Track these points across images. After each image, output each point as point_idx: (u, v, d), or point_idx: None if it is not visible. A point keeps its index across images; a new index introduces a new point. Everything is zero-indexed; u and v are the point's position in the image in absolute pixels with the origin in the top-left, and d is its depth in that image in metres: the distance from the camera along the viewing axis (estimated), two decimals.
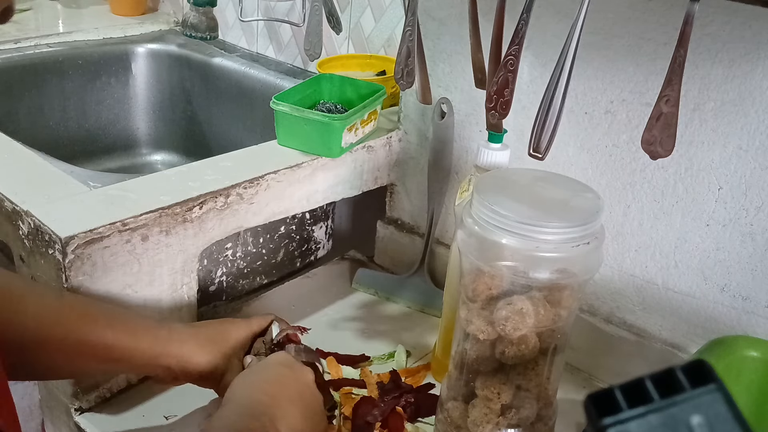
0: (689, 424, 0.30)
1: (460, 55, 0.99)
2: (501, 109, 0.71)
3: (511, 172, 0.81)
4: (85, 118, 1.52)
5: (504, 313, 0.67)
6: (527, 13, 0.69)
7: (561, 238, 0.66)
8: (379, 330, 1.03)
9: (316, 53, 1.02)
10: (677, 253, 0.87)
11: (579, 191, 0.71)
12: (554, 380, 0.74)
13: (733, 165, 0.80)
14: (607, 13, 0.84)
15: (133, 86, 1.57)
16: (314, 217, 1.17)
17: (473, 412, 0.73)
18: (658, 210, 0.87)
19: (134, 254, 0.81)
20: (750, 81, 0.77)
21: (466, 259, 0.71)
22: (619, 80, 0.86)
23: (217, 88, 1.50)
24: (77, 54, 1.48)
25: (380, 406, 0.87)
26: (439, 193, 1.05)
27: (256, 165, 0.96)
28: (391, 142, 1.11)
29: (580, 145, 0.91)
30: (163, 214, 0.83)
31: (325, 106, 1.09)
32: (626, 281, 0.92)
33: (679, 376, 0.30)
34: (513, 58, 0.69)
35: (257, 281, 1.12)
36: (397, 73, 0.82)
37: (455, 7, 0.97)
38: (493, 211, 0.66)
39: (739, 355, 0.73)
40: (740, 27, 0.76)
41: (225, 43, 1.57)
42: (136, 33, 1.59)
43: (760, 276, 0.82)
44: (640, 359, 0.91)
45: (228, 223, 0.91)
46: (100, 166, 1.53)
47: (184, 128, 1.59)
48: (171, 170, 0.95)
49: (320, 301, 1.08)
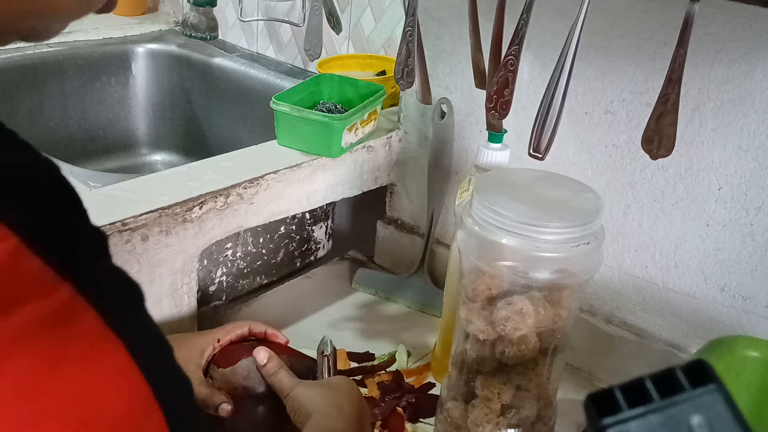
0: (689, 424, 0.30)
1: (460, 55, 0.99)
2: (501, 109, 0.71)
3: (511, 172, 0.81)
4: (85, 118, 1.52)
5: (504, 313, 0.67)
6: (527, 13, 0.69)
7: (561, 238, 0.66)
8: (379, 330, 1.03)
9: (316, 53, 1.02)
10: (677, 253, 0.87)
11: (579, 191, 0.71)
12: (554, 380, 0.74)
13: (733, 165, 0.80)
14: (607, 13, 0.84)
15: (133, 86, 1.57)
16: (314, 217, 1.17)
17: (473, 412, 0.73)
18: (658, 210, 0.87)
19: (134, 254, 0.81)
20: (750, 81, 0.77)
21: (466, 259, 0.71)
22: (619, 80, 0.86)
23: (217, 88, 1.50)
24: (77, 54, 1.48)
25: (381, 405, 0.87)
26: (439, 193, 1.05)
27: (256, 165, 0.96)
28: (391, 142, 1.11)
29: (580, 145, 0.91)
30: (163, 214, 0.83)
31: (325, 106, 1.09)
32: (626, 281, 0.92)
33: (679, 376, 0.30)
34: (513, 58, 0.69)
35: (257, 281, 1.12)
36: (397, 73, 0.82)
37: (455, 7, 0.97)
38: (493, 211, 0.66)
39: (739, 355, 0.73)
40: (740, 27, 0.76)
41: (225, 43, 1.57)
42: (136, 33, 1.59)
43: (760, 276, 0.82)
44: (640, 359, 0.91)
45: (228, 223, 0.91)
46: (100, 166, 1.53)
47: (184, 128, 1.59)
48: (171, 170, 0.95)
49: (320, 301, 1.08)
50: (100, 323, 0.33)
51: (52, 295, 0.31)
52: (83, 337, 0.32)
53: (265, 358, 0.78)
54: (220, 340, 0.82)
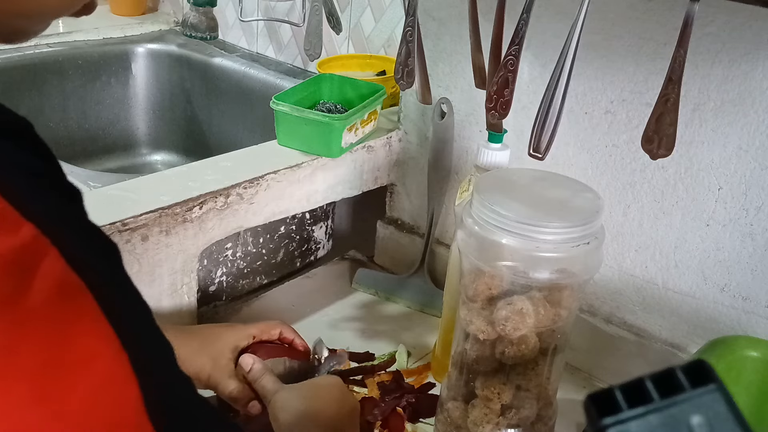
0: (689, 424, 0.30)
1: (460, 55, 0.99)
2: (501, 109, 0.71)
3: (511, 172, 0.81)
4: (85, 118, 1.52)
5: (504, 313, 0.67)
6: (527, 13, 0.69)
7: (561, 238, 0.66)
8: (379, 330, 1.03)
9: (316, 53, 1.02)
10: (677, 253, 0.87)
11: (579, 191, 0.71)
12: (554, 380, 0.74)
13: (733, 165, 0.80)
14: (607, 13, 0.84)
15: (133, 86, 1.57)
16: (314, 217, 1.17)
17: (473, 412, 0.73)
18: (658, 210, 0.87)
19: (134, 254, 0.81)
20: (750, 81, 0.77)
21: (466, 259, 0.71)
22: (619, 80, 0.86)
23: (217, 88, 1.50)
24: (77, 54, 1.48)
25: (381, 405, 0.87)
26: (439, 193, 1.05)
27: (256, 165, 0.96)
28: (391, 142, 1.11)
29: (580, 145, 0.91)
30: (163, 214, 0.83)
31: (325, 106, 1.09)
32: (626, 281, 0.92)
33: (679, 376, 0.30)
34: (513, 58, 0.69)
35: (257, 281, 1.12)
36: (397, 73, 0.82)
37: (455, 7, 0.97)
38: (493, 211, 0.66)
39: (739, 355, 0.73)
40: (740, 27, 0.76)
41: (225, 43, 1.57)
42: (136, 33, 1.59)
43: (760, 276, 0.82)
44: (640, 359, 0.91)
45: (228, 223, 0.91)
46: (100, 166, 1.53)
47: (184, 128, 1.59)
48: (171, 170, 0.95)
49: (320, 301, 1.08)
50: (64, 264, 0.33)
51: (15, 233, 0.31)
52: (47, 275, 0.32)
53: (250, 363, 0.78)
54: (255, 336, 0.82)
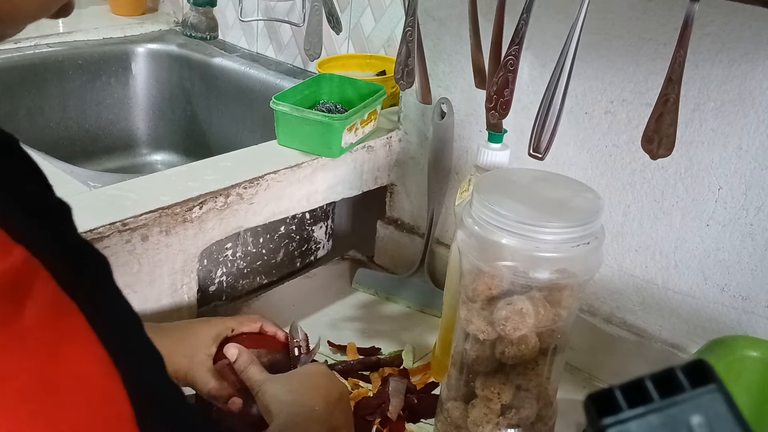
0: (689, 424, 0.30)
1: (460, 55, 0.99)
2: (501, 109, 0.71)
3: (511, 172, 0.81)
4: (85, 118, 1.52)
5: (504, 313, 0.67)
6: (527, 13, 0.69)
7: (561, 238, 0.66)
8: (379, 330, 1.03)
9: (316, 53, 1.02)
10: (677, 253, 0.87)
11: (579, 191, 0.71)
12: (554, 380, 0.75)
13: (733, 165, 0.80)
14: (607, 13, 0.84)
15: (133, 86, 1.57)
16: (314, 217, 1.17)
17: (473, 412, 0.73)
18: (658, 210, 0.87)
19: (134, 254, 0.81)
20: (750, 81, 0.77)
21: (466, 259, 0.71)
22: (619, 80, 0.86)
23: (217, 88, 1.50)
24: (77, 54, 1.48)
25: (381, 405, 0.86)
26: (439, 193, 1.05)
27: (256, 165, 0.96)
28: (391, 142, 1.11)
29: (580, 145, 0.91)
30: (163, 214, 0.83)
31: (325, 106, 1.09)
32: (626, 281, 0.92)
33: (679, 376, 0.30)
34: (513, 58, 0.69)
35: (257, 281, 1.12)
36: (397, 73, 0.82)
37: (455, 7, 0.97)
38: (493, 211, 0.66)
39: (739, 355, 0.73)
40: (740, 27, 0.76)
41: (225, 43, 1.57)
42: (136, 33, 1.59)
43: (760, 276, 0.82)
44: (640, 359, 0.91)
45: (228, 223, 0.91)
46: (100, 166, 1.53)
47: (184, 128, 1.59)
48: (171, 170, 0.95)
49: (320, 301, 1.08)
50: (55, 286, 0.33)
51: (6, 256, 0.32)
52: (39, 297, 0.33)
53: (235, 354, 0.77)
54: (234, 329, 0.81)
